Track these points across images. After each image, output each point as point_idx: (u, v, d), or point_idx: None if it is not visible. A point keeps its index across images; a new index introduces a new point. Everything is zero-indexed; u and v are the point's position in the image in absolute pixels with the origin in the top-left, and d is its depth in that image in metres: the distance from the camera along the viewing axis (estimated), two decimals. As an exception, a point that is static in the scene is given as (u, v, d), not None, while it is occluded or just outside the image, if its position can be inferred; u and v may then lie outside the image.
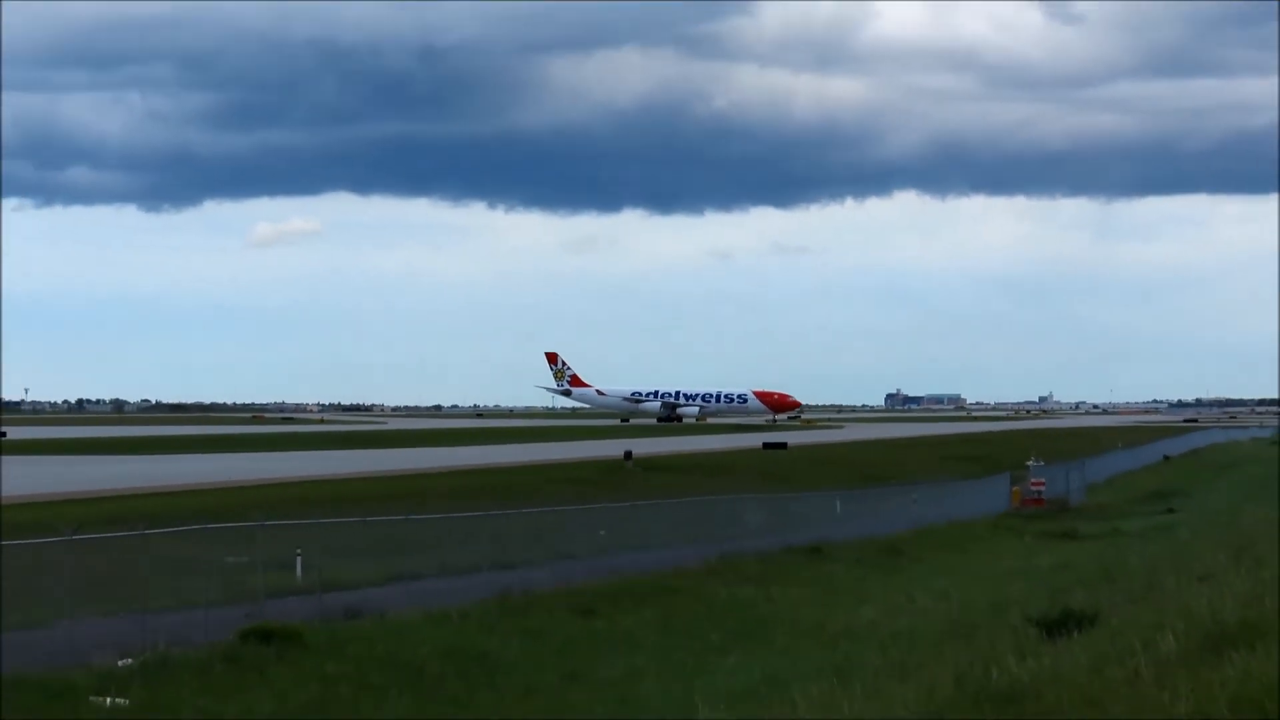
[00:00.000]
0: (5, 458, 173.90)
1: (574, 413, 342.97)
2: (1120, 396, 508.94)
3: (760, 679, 32.54)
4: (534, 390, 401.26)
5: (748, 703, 26.56)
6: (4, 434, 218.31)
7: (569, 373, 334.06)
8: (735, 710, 25.22)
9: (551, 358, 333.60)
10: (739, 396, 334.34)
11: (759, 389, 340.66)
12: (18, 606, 44.43)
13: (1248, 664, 13.07)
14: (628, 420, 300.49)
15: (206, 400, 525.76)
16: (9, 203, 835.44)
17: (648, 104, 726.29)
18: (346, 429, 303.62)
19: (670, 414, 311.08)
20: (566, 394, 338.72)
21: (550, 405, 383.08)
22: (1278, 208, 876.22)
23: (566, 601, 50.28)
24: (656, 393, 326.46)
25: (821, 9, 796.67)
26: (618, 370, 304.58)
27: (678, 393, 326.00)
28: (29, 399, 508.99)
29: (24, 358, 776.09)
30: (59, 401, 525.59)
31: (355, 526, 73.60)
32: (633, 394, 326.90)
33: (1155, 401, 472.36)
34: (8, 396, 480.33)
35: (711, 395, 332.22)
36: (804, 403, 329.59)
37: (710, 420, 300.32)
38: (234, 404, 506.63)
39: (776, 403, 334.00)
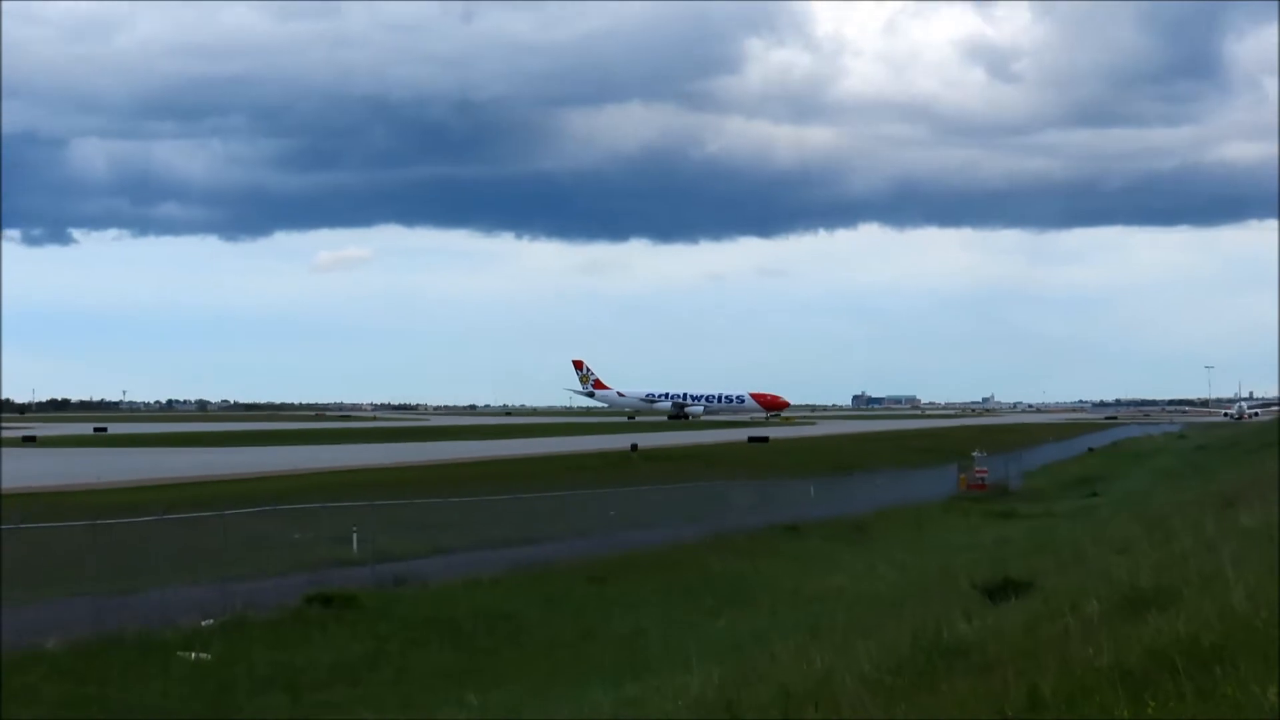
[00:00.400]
0: (108, 449, 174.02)
1: (588, 411, 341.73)
2: (1051, 397, 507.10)
3: (746, 636, 32.62)
4: (555, 391, 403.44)
5: (735, 655, 26.64)
6: (34, 438, 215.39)
7: (593, 377, 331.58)
8: (725, 661, 25.33)
9: (578, 364, 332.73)
10: (737, 397, 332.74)
11: (754, 391, 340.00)
12: (118, 576, 44.63)
13: (1159, 622, 13.16)
14: (633, 417, 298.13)
15: (276, 400, 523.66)
16: (110, 233, 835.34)
17: (650, 150, 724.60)
18: (395, 425, 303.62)
19: (679, 412, 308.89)
20: (590, 395, 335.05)
21: (568, 405, 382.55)
22: (1185, 238, 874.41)
23: (582, 571, 50.37)
24: (667, 394, 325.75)
25: (797, 69, 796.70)
26: (630, 375, 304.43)
27: (685, 394, 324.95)
28: (126, 399, 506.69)
29: (122, 364, 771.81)
30: (152, 402, 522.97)
31: (403, 507, 73.69)
32: (647, 395, 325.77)
33: (1081, 401, 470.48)
34: (109, 397, 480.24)
35: (714, 396, 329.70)
36: (724, 407, 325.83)
37: (713, 418, 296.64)
38: (299, 404, 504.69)
39: (769, 403, 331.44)
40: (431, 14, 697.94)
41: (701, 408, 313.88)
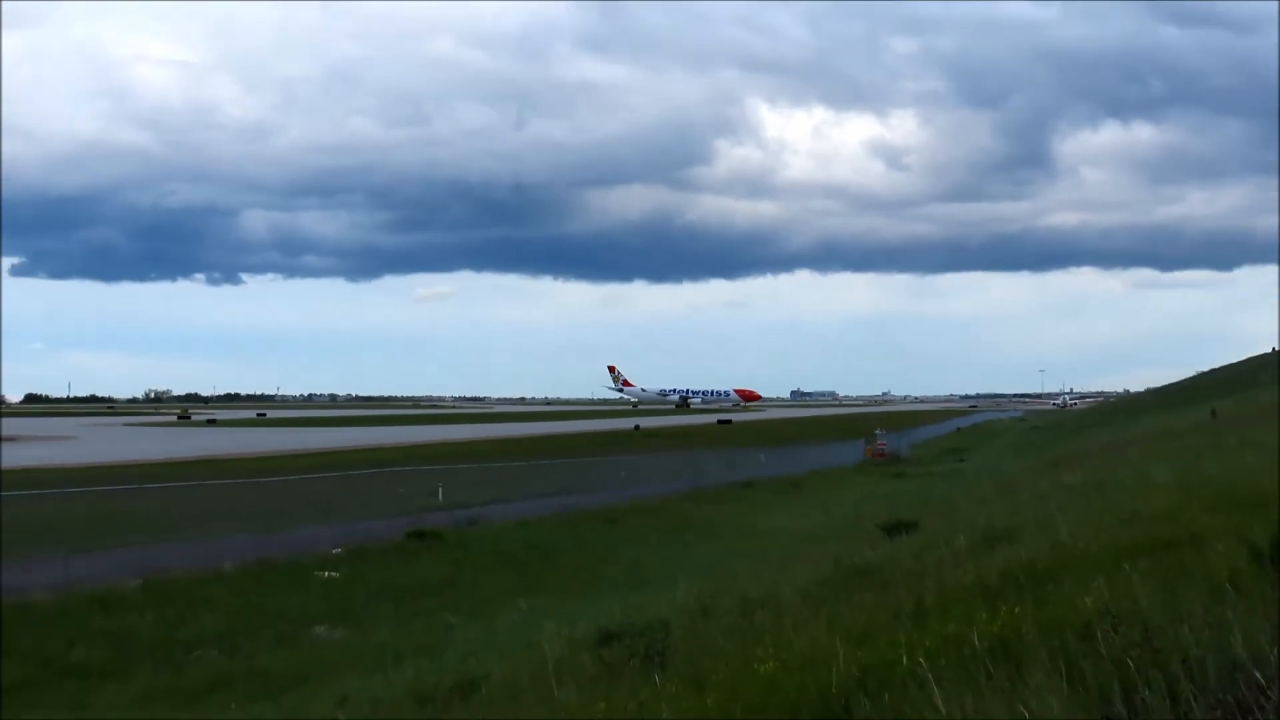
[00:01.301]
0: (266, 429, 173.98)
1: (604, 401, 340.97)
2: (931, 392, 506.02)
3: (715, 560, 32.62)
4: (585, 387, 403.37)
5: (707, 574, 26.59)
6: (214, 420, 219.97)
7: (622, 377, 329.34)
8: (700, 578, 25.27)
9: (611, 369, 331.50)
10: (725, 392, 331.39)
11: (737, 387, 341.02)
12: (273, 519, 44.76)
13: (1007, 552, 13.10)
14: (635, 405, 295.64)
15: (385, 394, 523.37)
16: (268, 276, 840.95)
17: (647, 217, 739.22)
18: (467, 411, 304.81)
19: (683, 402, 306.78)
20: (620, 391, 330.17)
21: (591, 396, 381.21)
22: (1027, 279, 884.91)
23: (600, 515, 50.33)
24: (675, 390, 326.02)
25: (752, 161, 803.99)
26: (642, 377, 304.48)
27: (687, 390, 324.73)
28: (279, 393, 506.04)
29: (276, 368, 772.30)
30: (297, 395, 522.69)
31: (473, 469, 74.15)
32: (661, 390, 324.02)
33: (952, 395, 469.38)
34: (266, 392, 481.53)
35: (708, 391, 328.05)
36: (717, 399, 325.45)
37: (705, 407, 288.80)
38: (402, 396, 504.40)
39: (748, 395, 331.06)
40: (494, 123, 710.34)
41: (700, 399, 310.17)
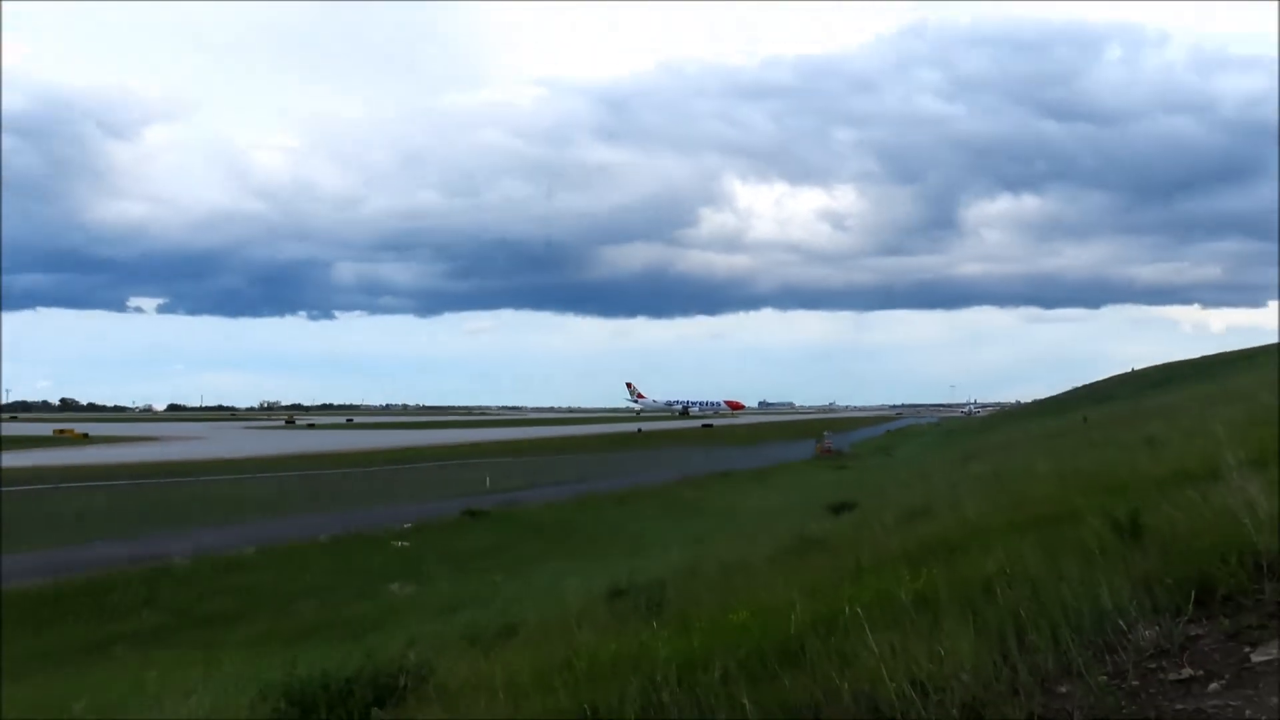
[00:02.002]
0: (354, 431, 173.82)
1: (616, 410, 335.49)
2: (867, 402, 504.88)
3: (701, 532, 32.50)
4: (601, 400, 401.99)
5: (695, 543, 26.49)
6: (313, 425, 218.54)
7: (637, 391, 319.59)
8: (689, 547, 25.19)
9: (629, 385, 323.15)
10: (717, 403, 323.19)
11: (727, 399, 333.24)
12: (357, 500, 44.70)
13: (926, 527, 13.05)
14: (639, 414, 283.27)
15: (444, 404, 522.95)
16: (355, 313, 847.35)
17: (648, 267, 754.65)
18: (509, 418, 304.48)
19: (684, 411, 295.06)
20: (635, 402, 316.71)
21: (607, 407, 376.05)
22: (942, 317, 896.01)
23: (612, 498, 50.25)
24: (679, 401, 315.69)
25: (728, 224, 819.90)
26: (650, 392, 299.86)
27: (688, 401, 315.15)
28: (363, 403, 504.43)
29: (360, 383, 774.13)
30: (378, 404, 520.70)
31: (513, 462, 73.98)
32: (667, 402, 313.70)
33: (883, 404, 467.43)
34: (353, 402, 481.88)
35: (704, 402, 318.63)
36: (711, 410, 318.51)
37: (702, 415, 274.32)
38: (458, 405, 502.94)
39: (734, 405, 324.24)
40: (530, 194, 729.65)
41: (697, 408, 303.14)
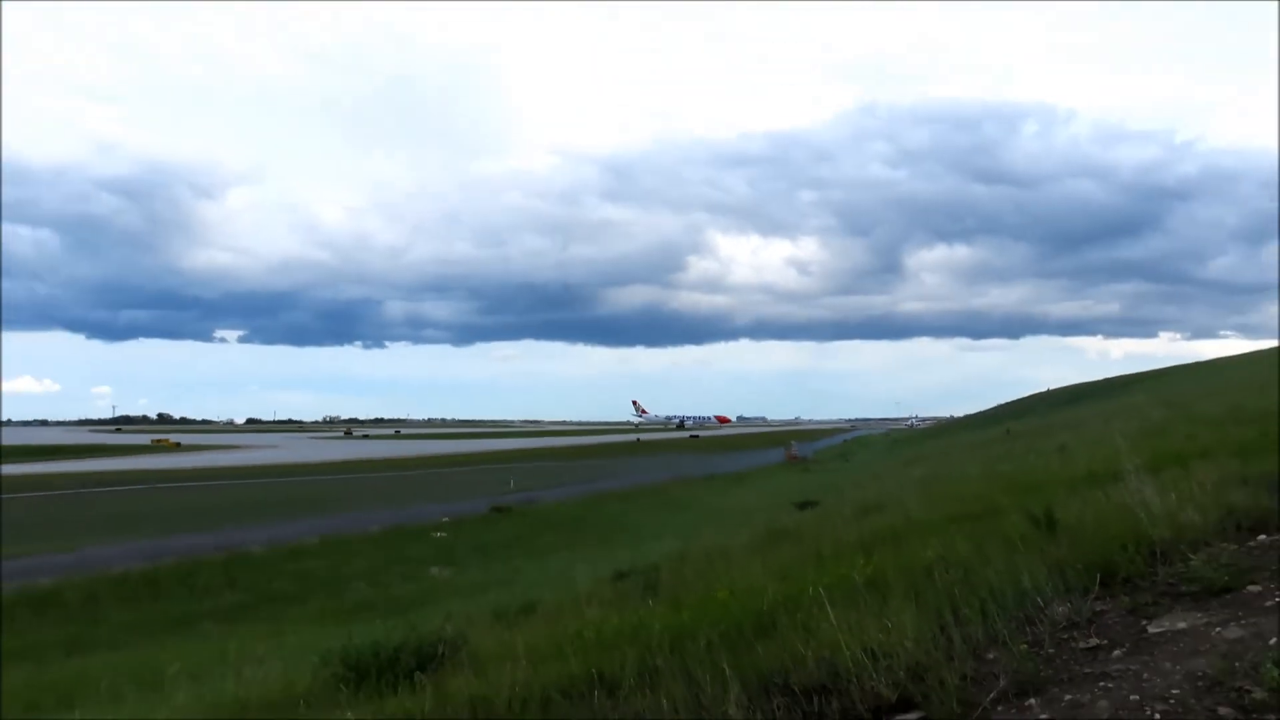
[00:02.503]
0: (401, 441, 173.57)
1: (620, 424, 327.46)
2: (827, 417, 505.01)
3: (690, 525, 32.32)
4: (607, 415, 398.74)
5: (685, 534, 26.36)
6: (367, 435, 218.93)
7: (641, 407, 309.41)
8: (680, 535, 25.10)
9: (635, 402, 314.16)
10: (709, 417, 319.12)
11: (716, 414, 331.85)
12: (400, 498, 44.46)
13: (876, 520, 13.01)
14: (637, 426, 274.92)
15: (477, 418, 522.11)
16: (402, 343, 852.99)
17: (646, 305, 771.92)
18: (529, 430, 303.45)
19: (681, 424, 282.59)
20: (640, 416, 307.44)
21: (612, 420, 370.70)
22: (892, 346, 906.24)
23: (615, 496, 49.94)
24: (677, 415, 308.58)
25: (712, 269, 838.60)
26: (651, 408, 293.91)
27: (684, 416, 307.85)
28: (407, 418, 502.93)
29: (407, 401, 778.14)
30: (420, 418, 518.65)
31: (533, 466, 73.68)
32: (667, 416, 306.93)
33: (840, 419, 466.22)
34: (399, 417, 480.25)
35: (698, 416, 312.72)
36: (703, 424, 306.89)
37: (696, 428, 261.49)
38: (488, 419, 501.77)
39: (722, 419, 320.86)
40: (547, 246, 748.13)
41: (692, 421, 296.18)
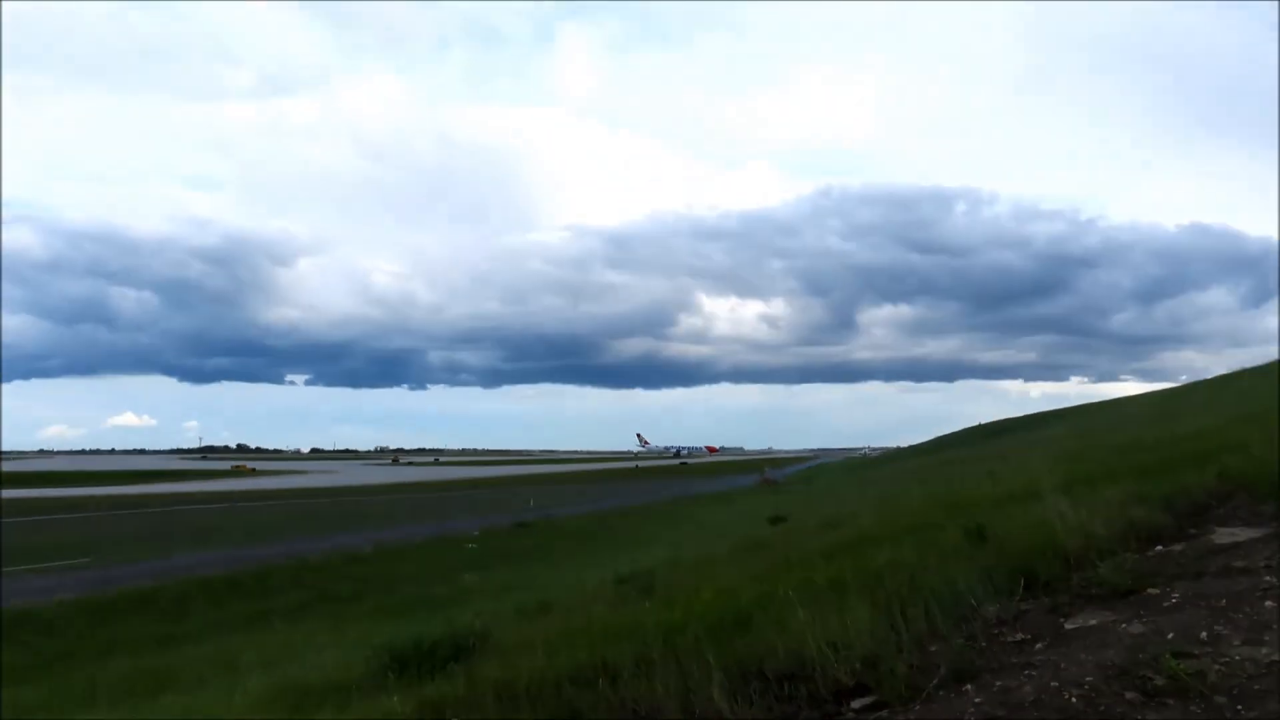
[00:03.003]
0: (440, 467, 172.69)
1: (623, 452, 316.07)
2: (794, 447, 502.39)
3: (680, 536, 32.03)
4: (612, 444, 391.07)
5: (676, 543, 26.12)
6: (412, 462, 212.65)
7: (644, 438, 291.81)
8: (671, 545, 24.91)
9: (639, 435, 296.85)
10: (700, 447, 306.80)
11: (707, 444, 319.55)
12: (437, 514, 44.15)
13: (837, 533, 12.94)
14: (635, 455, 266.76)
15: (507, 447, 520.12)
16: (440, 386, 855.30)
17: (643, 355, 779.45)
18: (545, 458, 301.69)
19: (677, 453, 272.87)
20: (643, 446, 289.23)
21: (616, 450, 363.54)
22: (851, 389, 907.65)
23: (618, 513, 49.63)
24: (674, 445, 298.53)
25: (697, 324, 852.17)
26: (652, 439, 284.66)
27: (680, 445, 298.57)
28: (446, 448, 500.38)
29: (446, 433, 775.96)
30: (457, 448, 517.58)
31: (550, 489, 73.06)
32: (665, 446, 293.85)
33: (806, 449, 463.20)
34: (439, 447, 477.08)
35: (692, 447, 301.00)
36: (695, 453, 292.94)
37: (689, 457, 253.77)
38: (511, 449, 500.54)
39: (711, 449, 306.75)
40: (561, 304, 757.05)
41: (686, 450, 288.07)
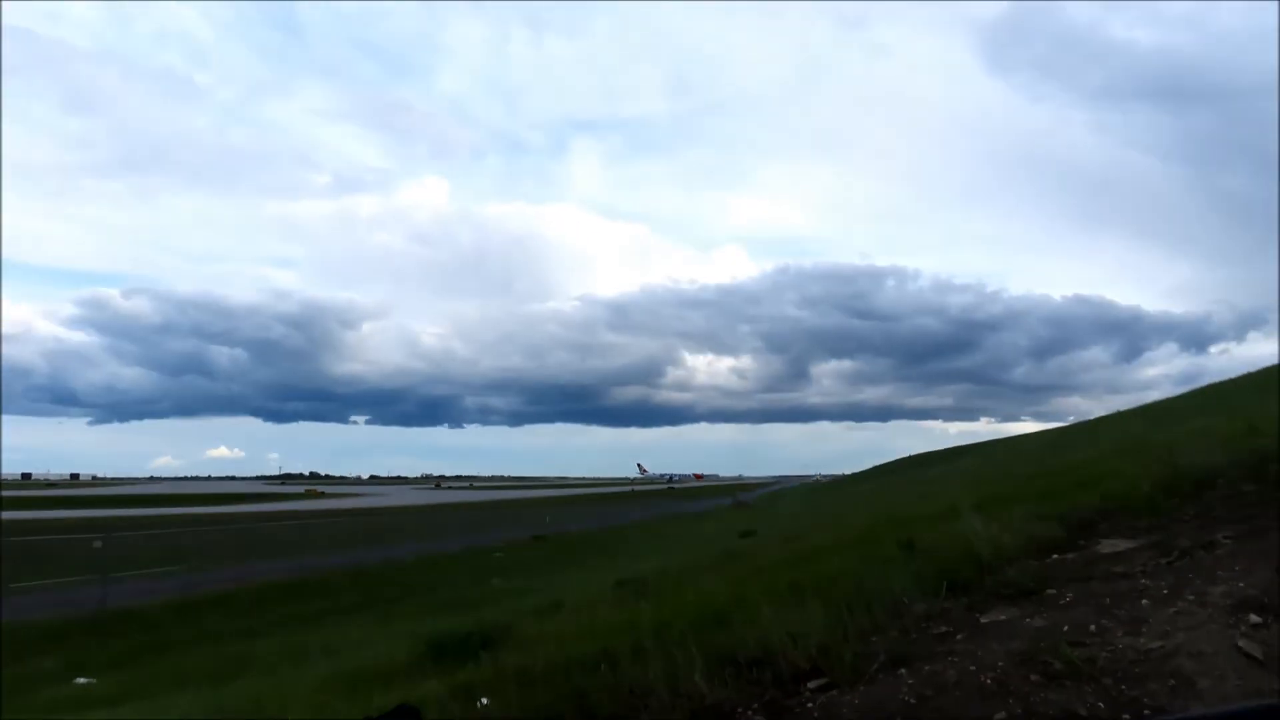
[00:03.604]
0: (468, 491, 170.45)
1: (625, 479, 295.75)
2: (762, 474, 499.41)
3: (670, 547, 31.37)
4: (615, 473, 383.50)
5: (665, 554, 25.70)
6: (439, 486, 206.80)
7: (643, 467, 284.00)
8: (661, 555, 24.53)
9: (639, 465, 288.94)
10: (691, 474, 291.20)
11: (695, 472, 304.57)
12: (470, 530, 43.40)
13: (796, 545, 12.75)
14: (632, 481, 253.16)
15: (525, 475, 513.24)
16: (475, 425, 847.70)
17: (639, 400, 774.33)
18: (558, 483, 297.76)
19: (670, 481, 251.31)
20: (643, 474, 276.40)
21: (617, 477, 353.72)
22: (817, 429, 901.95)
23: (617, 529, 48.89)
24: (667, 473, 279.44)
25: (680, 376, 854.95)
26: (650, 468, 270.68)
27: (673, 473, 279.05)
28: (478, 475, 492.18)
29: (477, 463, 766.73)
30: (487, 476, 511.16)
31: (561, 509, 71.91)
32: (661, 474, 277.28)
33: (770, 476, 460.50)
34: (469, 474, 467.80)
35: (682, 474, 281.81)
36: (684, 479, 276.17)
37: (681, 483, 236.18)
38: (531, 476, 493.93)
39: (698, 476, 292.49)
40: (573, 360, 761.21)
41: (678, 478, 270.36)
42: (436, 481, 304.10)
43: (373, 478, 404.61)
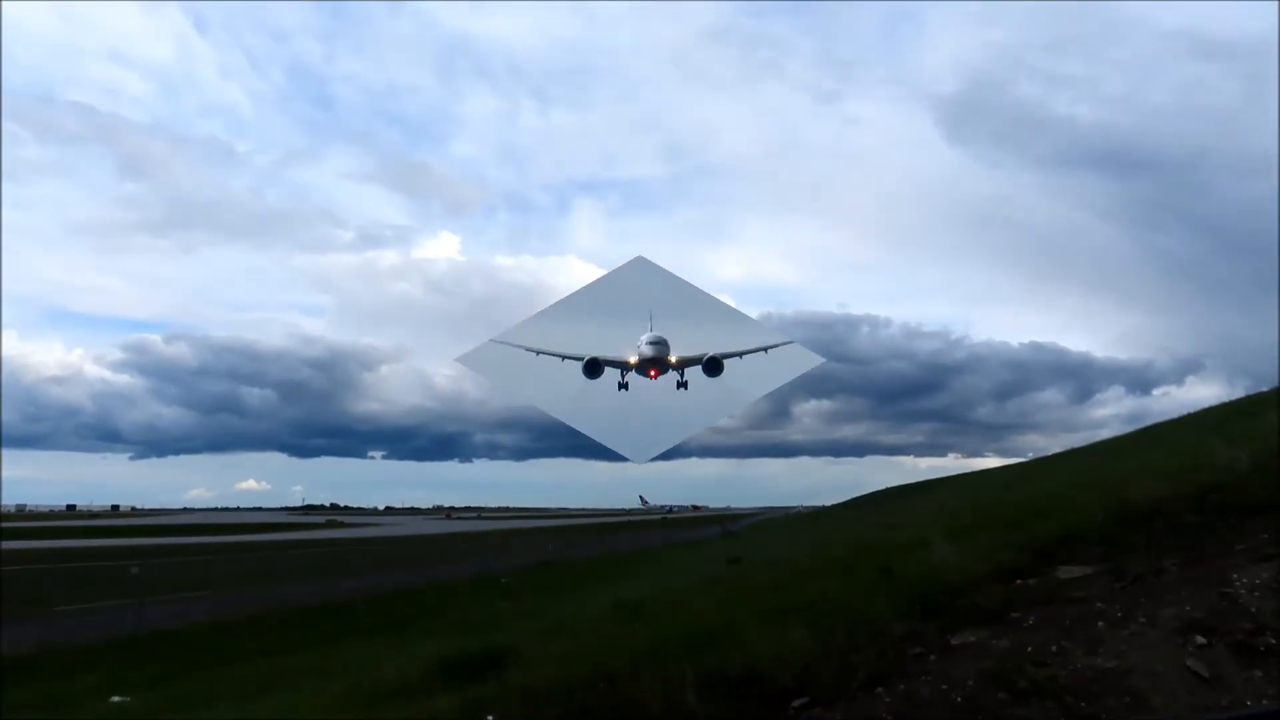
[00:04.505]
0: (482, 520, 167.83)
1: (627, 509, 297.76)
2: (748, 504, 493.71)
3: (667, 574, 30.96)
4: (615, 502, 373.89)
5: (662, 580, 25.29)
6: (454, 515, 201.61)
7: (645, 498, 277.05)
8: (655, 579, 24.11)
9: (642, 496, 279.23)
10: (688, 505, 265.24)
11: (693, 503, 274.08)
12: (482, 558, 42.64)
13: (779, 570, 12.53)
14: (629, 512, 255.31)
15: (531, 506, 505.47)
16: (483, 460, 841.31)
17: None
18: (562, 513, 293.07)
19: (670, 511, 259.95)
20: (644, 505, 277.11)
21: (619, 507, 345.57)
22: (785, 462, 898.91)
23: (622, 556, 48.05)
24: (667, 504, 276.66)
25: None
26: (651, 499, 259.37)
27: (672, 504, 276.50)
28: (487, 505, 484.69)
29: (491, 494, 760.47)
30: (495, 506, 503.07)
31: (565, 537, 70.85)
32: (661, 504, 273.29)
33: (755, 506, 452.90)
34: (484, 504, 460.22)
35: (681, 505, 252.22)
36: (683, 509, 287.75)
37: (679, 513, 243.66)
38: (536, 507, 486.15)
39: (696, 507, 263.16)
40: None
41: (678, 508, 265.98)
42: (447, 512, 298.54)
43: (388, 509, 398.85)
